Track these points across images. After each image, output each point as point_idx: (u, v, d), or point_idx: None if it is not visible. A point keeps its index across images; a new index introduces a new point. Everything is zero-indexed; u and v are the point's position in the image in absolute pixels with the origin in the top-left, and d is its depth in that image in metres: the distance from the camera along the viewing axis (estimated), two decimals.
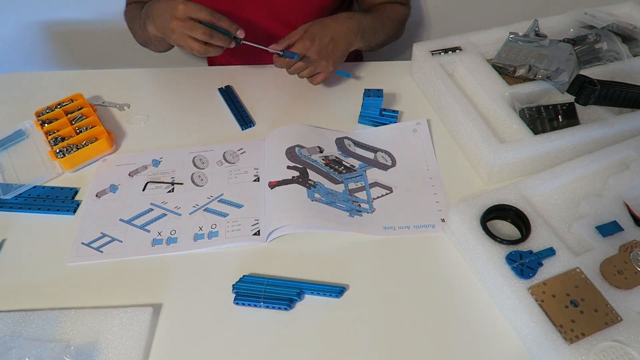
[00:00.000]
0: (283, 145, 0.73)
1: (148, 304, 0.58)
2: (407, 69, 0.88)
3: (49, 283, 0.61)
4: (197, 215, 0.67)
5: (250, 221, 0.66)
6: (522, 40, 0.77)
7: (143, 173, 0.74)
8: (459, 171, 0.72)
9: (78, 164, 0.75)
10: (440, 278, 0.60)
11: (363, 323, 0.56)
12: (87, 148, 0.74)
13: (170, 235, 0.65)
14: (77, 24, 1.17)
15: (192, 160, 0.75)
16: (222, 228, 0.65)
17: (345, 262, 0.62)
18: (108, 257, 0.63)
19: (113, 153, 0.77)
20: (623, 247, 0.56)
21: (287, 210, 0.65)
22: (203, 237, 0.65)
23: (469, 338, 0.55)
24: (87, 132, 0.76)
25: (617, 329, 0.50)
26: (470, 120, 0.70)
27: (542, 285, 0.54)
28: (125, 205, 0.69)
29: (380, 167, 0.73)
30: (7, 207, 0.70)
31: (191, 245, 0.64)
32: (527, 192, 0.63)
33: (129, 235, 0.66)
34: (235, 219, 0.66)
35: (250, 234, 0.64)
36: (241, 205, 0.68)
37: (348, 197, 0.68)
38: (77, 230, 0.67)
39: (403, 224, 0.66)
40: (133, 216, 0.68)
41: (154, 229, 0.66)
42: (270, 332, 0.56)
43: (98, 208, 0.69)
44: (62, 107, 0.80)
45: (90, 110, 0.80)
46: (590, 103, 0.71)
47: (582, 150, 0.69)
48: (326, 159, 0.73)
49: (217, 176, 0.72)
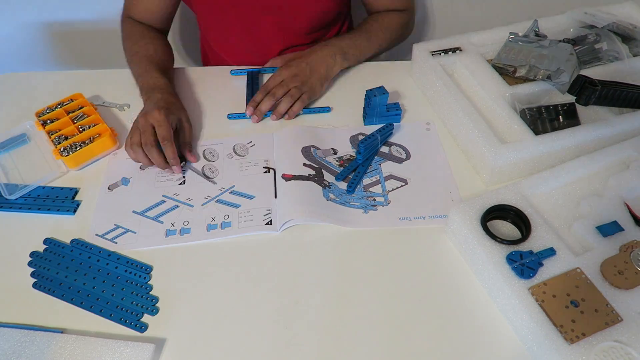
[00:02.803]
0: (298, 144, 0.75)
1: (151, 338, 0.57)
2: (407, 69, 0.88)
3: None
4: (210, 206, 0.69)
5: (262, 211, 0.67)
6: (522, 41, 0.77)
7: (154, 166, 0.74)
8: (459, 171, 0.72)
9: (83, 162, 0.75)
10: (440, 278, 0.60)
11: (363, 323, 0.56)
12: (92, 145, 0.74)
13: (184, 226, 0.66)
14: (77, 24, 1.17)
15: (202, 153, 0.76)
16: (234, 218, 0.67)
17: (345, 262, 0.62)
18: (123, 247, 0.64)
19: (116, 150, 0.78)
20: (623, 247, 0.56)
21: (304, 204, 0.66)
22: (216, 228, 0.66)
23: (469, 338, 0.55)
24: (91, 129, 0.76)
25: (617, 329, 0.50)
26: (471, 121, 0.70)
27: (543, 285, 0.54)
28: (137, 197, 0.71)
29: (395, 161, 0.74)
30: (6, 207, 0.70)
31: (204, 235, 0.65)
32: (527, 192, 0.63)
33: (143, 227, 0.67)
34: (247, 209, 0.68)
35: (263, 224, 0.65)
36: (252, 196, 0.69)
37: (362, 194, 0.69)
38: (91, 222, 0.67)
39: (419, 215, 0.67)
40: (146, 208, 0.69)
41: (167, 220, 0.67)
42: (270, 333, 0.56)
43: (110, 201, 0.70)
44: (62, 107, 0.80)
45: (92, 109, 0.80)
46: (591, 103, 0.71)
47: (583, 150, 0.69)
48: (340, 159, 0.74)
49: (228, 169, 0.74)
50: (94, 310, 0.59)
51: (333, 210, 0.66)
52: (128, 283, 0.61)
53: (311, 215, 0.65)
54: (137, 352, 0.54)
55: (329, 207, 0.67)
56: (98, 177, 0.74)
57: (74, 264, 0.63)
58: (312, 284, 0.60)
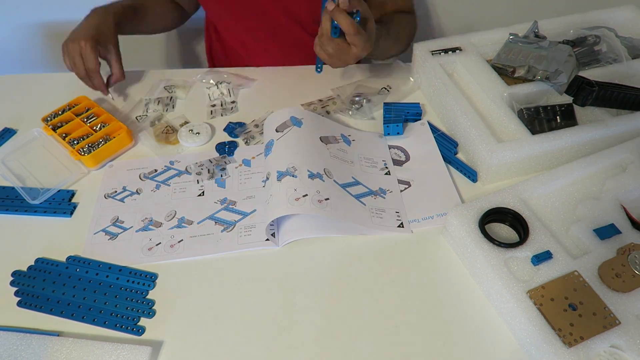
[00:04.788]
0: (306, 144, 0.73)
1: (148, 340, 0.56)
2: (407, 69, 0.88)
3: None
4: (207, 222, 0.67)
5: (262, 226, 0.65)
6: (521, 42, 0.77)
7: (159, 174, 0.74)
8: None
9: (102, 160, 0.75)
10: (438, 281, 0.60)
11: (360, 327, 0.56)
12: (110, 143, 0.75)
13: (178, 242, 0.65)
14: (76, 25, 1.15)
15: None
16: (234, 233, 0.65)
17: (343, 264, 0.62)
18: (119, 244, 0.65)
19: (133, 147, 0.78)
20: (621, 250, 0.57)
21: (303, 221, 0.65)
22: (216, 243, 0.64)
23: (468, 342, 0.55)
24: (106, 128, 0.77)
25: (615, 332, 0.50)
26: (469, 120, 0.70)
27: (541, 288, 0.54)
28: (139, 207, 0.69)
29: (395, 164, 0.73)
30: (2, 209, 0.69)
31: (205, 250, 0.64)
32: (525, 195, 0.63)
33: (139, 239, 0.66)
34: (247, 224, 0.66)
35: (263, 239, 0.64)
36: (253, 210, 0.68)
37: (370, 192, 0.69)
38: (89, 223, 0.68)
39: (426, 215, 0.66)
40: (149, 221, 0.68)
41: (167, 234, 0.66)
42: (267, 336, 0.56)
43: (104, 207, 0.70)
44: (70, 110, 0.80)
45: (101, 109, 0.80)
46: (588, 104, 0.71)
47: (580, 150, 0.69)
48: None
49: (230, 180, 0.72)
50: (86, 320, 0.58)
51: (337, 217, 0.64)
52: (126, 291, 0.60)
53: (315, 232, 0.64)
54: (134, 354, 0.53)
55: (332, 212, 0.64)
56: (96, 179, 0.74)
57: (61, 278, 0.61)
58: (309, 287, 0.60)
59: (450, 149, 0.74)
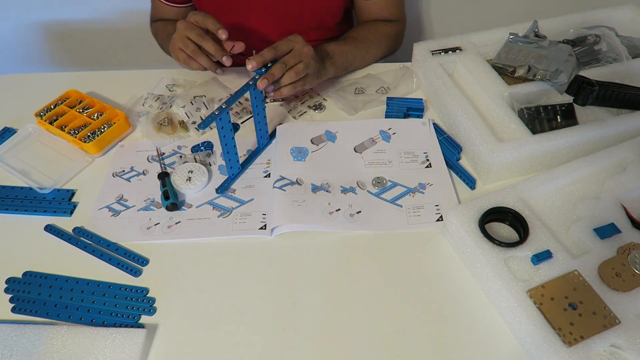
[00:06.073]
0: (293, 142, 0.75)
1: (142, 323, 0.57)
2: (408, 69, 0.88)
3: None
4: (205, 207, 0.69)
5: (258, 215, 0.67)
6: (521, 41, 0.77)
7: (166, 157, 0.75)
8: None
9: (106, 146, 0.77)
10: (438, 281, 0.60)
11: (361, 326, 0.56)
12: (111, 130, 0.76)
13: (175, 224, 0.66)
14: (75, 24, 1.16)
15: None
16: (230, 220, 0.67)
17: (342, 265, 0.62)
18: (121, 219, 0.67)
19: (131, 133, 0.80)
20: (621, 250, 0.57)
21: (294, 208, 0.66)
22: (211, 227, 0.66)
23: (468, 341, 0.55)
24: (104, 116, 0.78)
25: (615, 331, 0.50)
26: (469, 120, 0.70)
27: (541, 288, 0.54)
28: (144, 187, 0.71)
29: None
30: (2, 209, 0.69)
31: (200, 233, 0.65)
32: (525, 195, 0.63)
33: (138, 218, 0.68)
34: (244, 212, 0.68)
35: (257, 228, 0.65)
36: (251, 199, 0.69)
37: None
38: (95, 200, 0.70)
39: (426, 214, 0.66)
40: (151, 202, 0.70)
41: (166, 215, 0.67)
42: (267, 333, 0.56)
43: (111, 185, 0.72)
44: (63, 104, 0.80)
45: (93, 100, 0.81)
46: (589, 104, 0.71)
47: (580, 150, 0.69)
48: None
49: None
50: (83, 322, 0.58)
51: (331, 215, 0.66)
52: (125, 291, 0.60)
53: (306, 222, 0.65)
54: (129, 337, 0.54)
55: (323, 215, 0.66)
56: (96, 179, 0.74)
57: (58, 282, 0.61)
58: (309, 285, 0.60)
59: (454, 154, 0.74)
